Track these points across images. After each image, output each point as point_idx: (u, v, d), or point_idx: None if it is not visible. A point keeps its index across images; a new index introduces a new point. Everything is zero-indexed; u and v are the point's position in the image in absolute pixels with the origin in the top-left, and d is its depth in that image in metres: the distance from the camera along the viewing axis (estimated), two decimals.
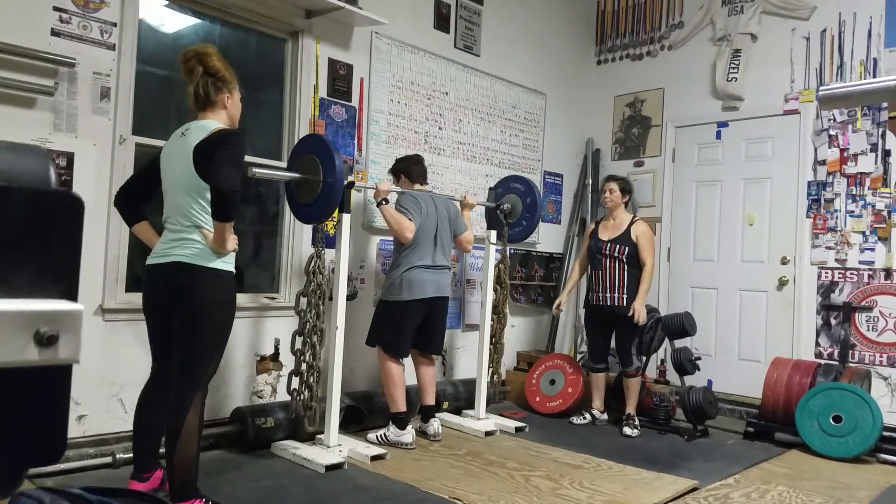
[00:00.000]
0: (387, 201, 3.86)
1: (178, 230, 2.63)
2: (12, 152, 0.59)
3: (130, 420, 3.38)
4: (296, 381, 3.64)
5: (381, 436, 3.88)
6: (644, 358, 4.74)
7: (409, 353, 4.05)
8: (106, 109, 3.31)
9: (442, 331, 4.18)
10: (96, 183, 3.28)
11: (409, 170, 4.12)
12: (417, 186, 4.10)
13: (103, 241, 3.32)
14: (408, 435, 3.86)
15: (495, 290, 4.69)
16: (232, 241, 2.64)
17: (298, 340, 3.67)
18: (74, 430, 3.24)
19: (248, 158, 3.89)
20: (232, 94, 2.76)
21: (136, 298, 3.45)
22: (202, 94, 2.70)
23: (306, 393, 3.61)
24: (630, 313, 4.44)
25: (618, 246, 4.54)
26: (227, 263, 2.66)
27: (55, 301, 0.55)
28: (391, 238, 4.67)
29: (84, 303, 3.06)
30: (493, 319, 4.66)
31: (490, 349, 4.63)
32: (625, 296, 4.50)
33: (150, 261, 2.72)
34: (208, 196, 2.54)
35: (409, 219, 3.85)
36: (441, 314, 4.12)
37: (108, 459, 3.23)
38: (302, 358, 3.64)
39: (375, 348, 3.99)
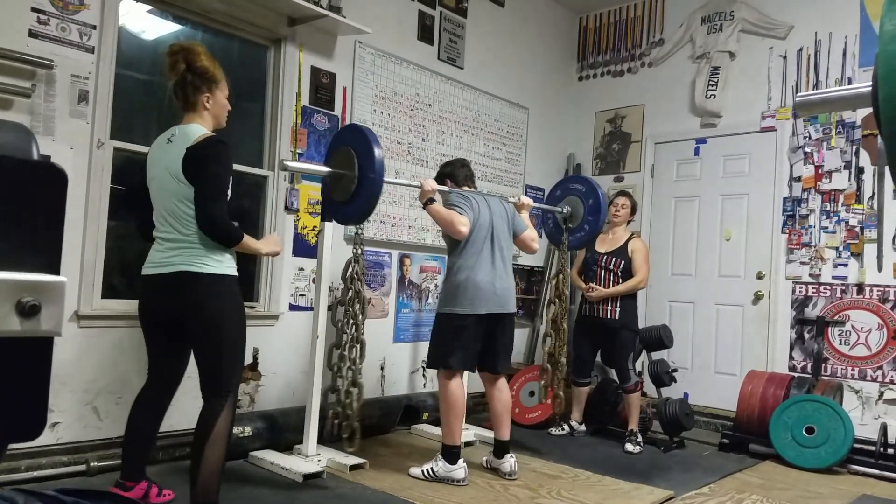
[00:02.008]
0: (433, 200, 3.53)
1: (177, 238, 2.56)
2: None
3: (105, 428, 3.36)
4: (332, 398, 3.47)
5: (427, 471, 3.51)
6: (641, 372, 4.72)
7: (475, 369, 3.69)
8: (84, 113, 3.29)
9: (509, 346, 3.75)
10: (73, 187, 3.24)
11: (454, 173, 3.84)
12: (465, 189, 3.77)
13: (79, 246, 3.28)
14: (459, 470, 3.48)
15: (553, 303, 4.29)
16: (269, 244, 2.78)
17: (335, 354, 3.49)
18: (47, 438, 3.19)
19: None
20: (213, 94, 2.69)
21: (113, 305, 3.43)
22: (181, 95, 2.65)
23: (343, 412, 3.41)
24: (589, 290, 4.52)
25: (614, 259, 4.55)
26: (231, 268, 2.62)
27: (37, 273, 0.54)
28: (374, 249, 4.67)
29: None
30: (551, 335, 4.30)
31: (548, 368, 4.25)
32: (618, 309, 4.49)
33: (147, 271, 2.64)
34: None
35: (461, 213, 3.50)
36: (506, 330, 3.69)
37: (82, 468, 3.19)
38: (339, 374, 3.47)
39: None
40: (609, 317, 4.51)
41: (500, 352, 3.68)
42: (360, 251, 3.48)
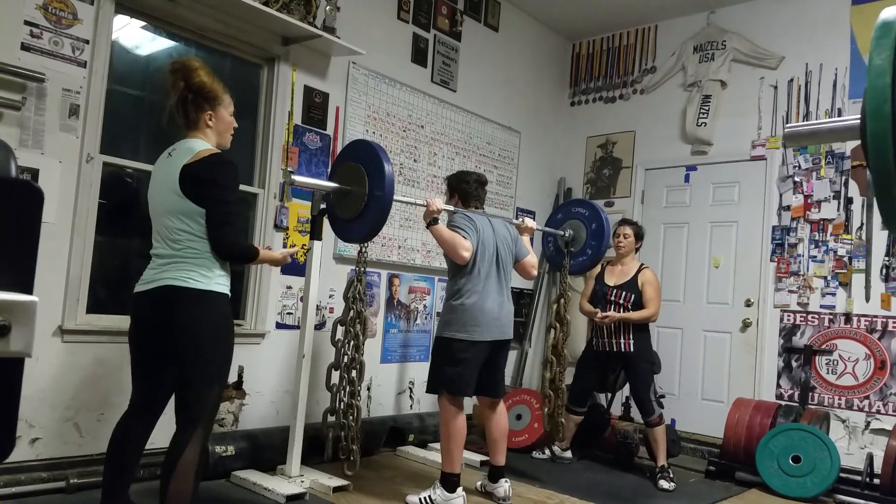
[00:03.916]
0: (436, 221, 3.45)
1: (168, 254, 2.48)
2: None
3: (86, 445, 3.31)
4: (331, 420, 3.43)
5: (424, 499, 3.38)
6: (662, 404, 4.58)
7: (474, 394, 3.60)
8: (74, 127, 3.27)
9: (503, 373, 3.69)
10: (61, 201, 3.23)
11: (466, 191, 3.68)
12: (471, 210, 3.66)
13: (65, 260, 3.26)
14: (458, 499, 3.37)
15: (554, 328, 4.17)
16: (280, 254, 2.82)
17: (335, 375, 3.40)
18: (27, 453, 3.14)
19: None
20: (216, 111, 2.59)
21: (98, 320, 3.40)
22: (182, 113, 2.56)
23: (342, 434, 3.35)
24: (603, 318, 4.32)
25: (624, 293, 4.40)
26: (221, 285, 2.50)
27: (8, 293, 0.53)
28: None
29: (43, 323, 2.95)
30: (551, 360, 4.22)
31: (550, 395, 4.19)
32: (631, 341, 4.35)
33: (137, 288, 2.55)
34: (198, 219, 2.44)
35: (464, 237, 3.41)
36: (503, 356, 3.64)
37: (62, 484, 3.14)
38: (340, 395, 3.39)
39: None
40: (625, 350, 4.36)
41: (500, 377, 3.62)
42: (362, 270, 3.41)
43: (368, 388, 4.68)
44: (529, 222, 3.99)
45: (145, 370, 2.62)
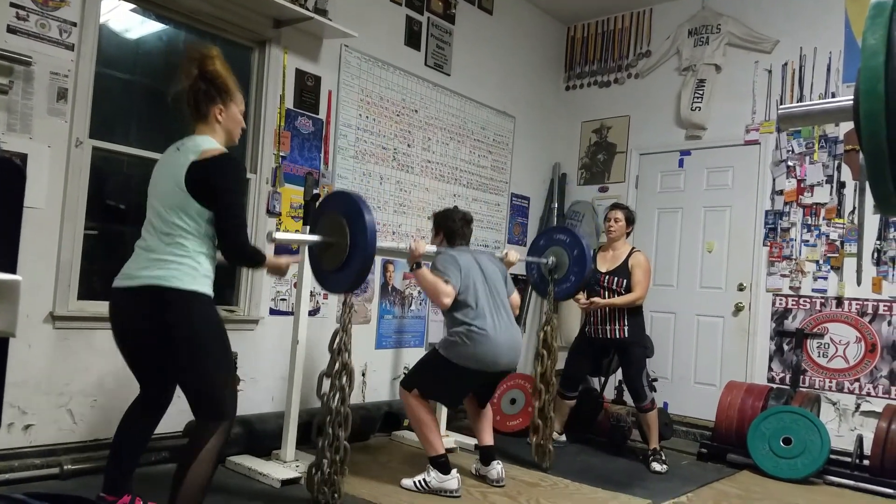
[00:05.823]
0: (420, 265, 3.46)
1: (155, 248, 2.38)
2: None
3: (79, 431, 3.31)
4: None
5: (419, 482, 3.41)
6: (654, 390, 4.60)
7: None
8: (62, 111, 3.24)
9: (495, 388, 3.87)
10: (50, 186, 3.20)
11: (452, 229, 3.68)
12: (456, 248, 3.65)
13: (55, 246, 3.23)
14: (453, 480, 3.39)
15: (541, 356, 4.12)
16: (284, 261, 2.73)
17: (326, 383, 3.30)
18: (20, 440, 3.13)
19: None
20: (227, 107, 2.51)
21: (89, 307, 3.38)
22: (192, 103, 2.48)
23: (331, 447, 3.19)
24: (586, 305, 4.36)
25: (616, 278, 4.39)
26: (204, 286, 2.41)
27: None
28: None
29: (34, 309, 2.93)
30: (540, 390, 4.12)
31: (538, 423, 4.10)
32: (626, 328, 4.35)
33: (117, 282, 2.44)
34: (196, 216, 2.37)
35: (446, 280, 3.41)
36: (503, 377, 3.75)
37: (56, 471, 3.13)
38: (330, 403, 3.26)
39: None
40: (619, 336, 4.36)
41: (491, 391, 3.79)
42: (348, 320, 3.19)
43: (363, 374, 4.68)
44: (512, 256, 4.03)
45: (142, 368, 2.57)
